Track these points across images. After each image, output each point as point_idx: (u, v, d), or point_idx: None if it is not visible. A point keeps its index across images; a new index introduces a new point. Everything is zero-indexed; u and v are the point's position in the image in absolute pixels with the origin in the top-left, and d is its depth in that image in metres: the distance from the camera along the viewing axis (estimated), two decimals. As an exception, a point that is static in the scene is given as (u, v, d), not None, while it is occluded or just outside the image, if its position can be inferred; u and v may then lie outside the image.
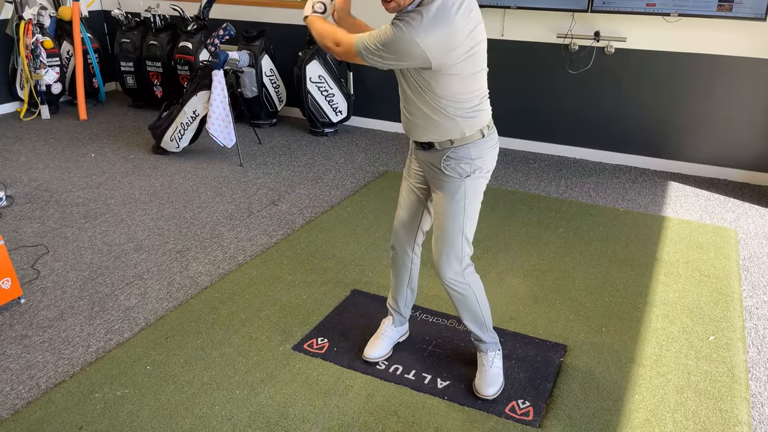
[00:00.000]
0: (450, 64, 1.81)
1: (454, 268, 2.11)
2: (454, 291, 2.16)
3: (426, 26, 1.74)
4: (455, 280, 2.13)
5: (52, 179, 4.24)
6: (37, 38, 5.39)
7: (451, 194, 2.03)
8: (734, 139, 4.29)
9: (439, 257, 2.11)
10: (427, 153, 2.04)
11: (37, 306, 2.77)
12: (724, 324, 2.66)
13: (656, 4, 4.08)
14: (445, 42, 1.77)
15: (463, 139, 1.96)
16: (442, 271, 2.12)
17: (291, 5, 5.65)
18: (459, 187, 2.02)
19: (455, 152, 1.98)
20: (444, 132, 1.96)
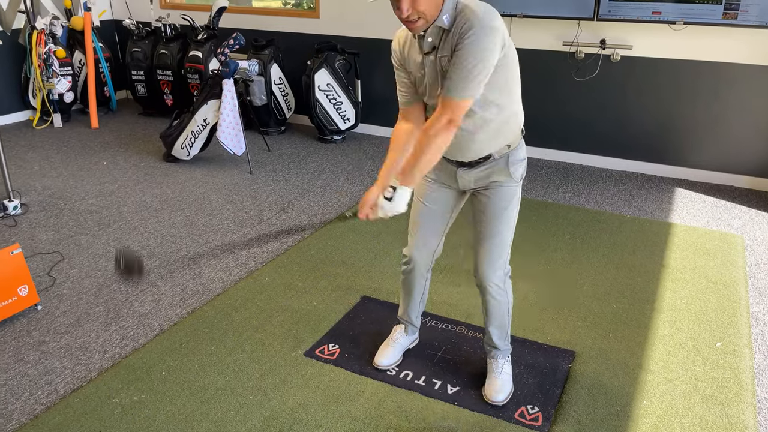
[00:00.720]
0: (509, 41, 1.83)
1: (500, 274, 2.14)
2: (493, 297, 2.17)
3: (485, 13, 1.73)
4: (498, 286, 2.15)
5: (66, 187, 4.31)
6: (50, 48, 5.47)
7: (508, 200, 2.06)
8: (740, 146, 4.31)
9: (489, 264, 2.11)
10: (481, 168, 2.03)
11: (54, 312, 2.82)
12: (731, 330, 2.69)
13: (662, 12, 4.11)
14: (500, 18, 1.77)
15: (516, 140, 2.02)
16: (489, 277, 2.12)
17: (299, 14, 5.72)
18: (515, 192, 2.07)
19: (514, 155, 2.02)
20: (506, 135, 1.99)
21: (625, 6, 4.21)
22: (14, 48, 5.74)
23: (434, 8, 1.75)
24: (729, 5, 3.94)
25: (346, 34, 5.38)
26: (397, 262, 3.28)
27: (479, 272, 2.14)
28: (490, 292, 2.16)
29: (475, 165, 2.03)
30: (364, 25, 5.30)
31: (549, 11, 4.45)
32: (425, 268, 2.31)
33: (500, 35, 1.76)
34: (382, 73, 5.36)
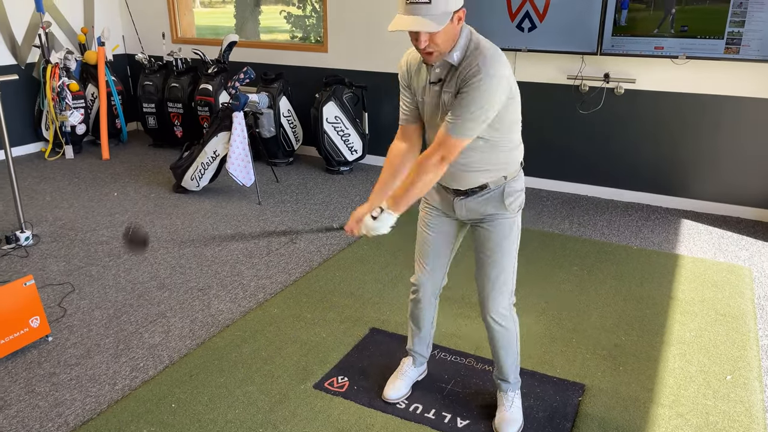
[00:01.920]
0: (514, 87, 1.89)
1: (505, 303, 2.15)
2: (500, 326, 2.17)
3: (493, 59, 1.79)
4: (504, 315, 2.16)
5: (77, 218, 4.36)
6: (63, 81, 5.59)
7: (507, 231, 2.08)
8: (745, 178, 4.34)
9: (493, 294, 2.13)
10: (476, 198, 2.06)
11: (64, 344, 2.84)
12: (741, 363, 2.68)
13: (664, 47, 4.19)
14: (508, 66, 1.85)
15: (514, 172, 2.05)
16: (493, 307, 2.14)
17: (308, 48, 5.84)
18: (513, 223, 2.09)
19: (510, 186, 2.04)
20: (502, 167, 2.01)
21: (627, 41, 4.30)
22: (28, 81, 5.87)
23: (449, 44, 1.82)
24: (731, 40, 4.01)
25: (354, 68, 5.48)
26: (405, 293, 3.29)
27: (484, 304, 2.16)
28: (497, 321, 2.17)
29: (471, 194, 2.07)
30: (371, 59, 5.40)
31: (553, 46, 4.54)
32: (433, 295, 2.34)
33: (506, 84, 1.82)
34: (388, 106, 5.45)
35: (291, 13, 8.74)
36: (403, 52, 2.12)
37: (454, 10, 1.77)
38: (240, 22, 9.19)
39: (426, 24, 1.74)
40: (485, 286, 2.14)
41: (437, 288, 2.32)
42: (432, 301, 2.35)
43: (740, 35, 3.98)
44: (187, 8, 6.53)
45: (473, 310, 3.06)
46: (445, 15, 1.75)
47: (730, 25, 3.98)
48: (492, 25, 4.65)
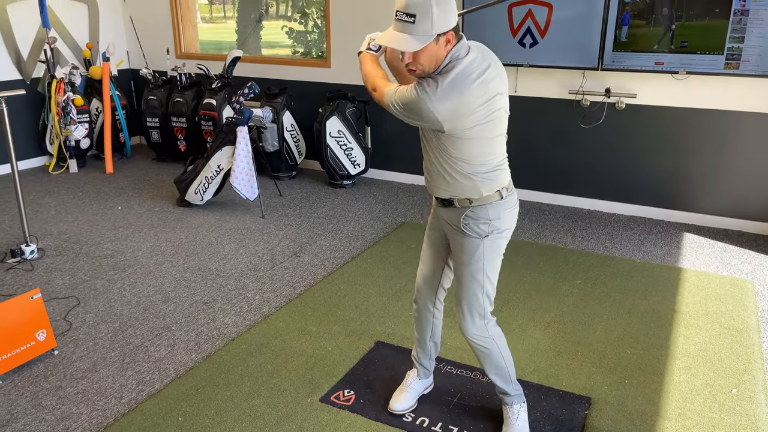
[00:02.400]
0: (463, 129, 1.88)
1: (477, 323, 2.16)
2: (479, 345, 2.20)
3: (440, 94, 1.82)
4: (479, 335, 2.18)
5: (81, 232, 4.37)
6: (68, 96, 5.63)
7: (471, 253, 2.08)
8: (746, 192, 4.37)
9: (462, 314, 2.17)
10: (447, 210, 2.11)
11: (70, 357, 2.84)
12: (746, 376, 2.68)
13: (664, 62, 4.24)
14: (457, 110, 1.84)
15: (481, 199, 2.02)
16: (465, 328, 2.18)
17: (311, 64, 5.89)
18: (478, 246, 2.07)
19: (473, 212, 2.04)
20: (462, 190, 2.03)
21: (628, 56, 4.34)
22: (33, 96, 5.92)
23: (433, 64, 1.87)
24: (731, 56, 4.06)
25: (357, 83, 5.53)
26: (410, 306, 3.30)
27: (458, 324, 2.21)
28: (473, 344, 2.20)
29: (441, 203, 2.12)
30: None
31: (554, 61, 4.59)
32: (430, 301, 2.36)
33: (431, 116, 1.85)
34: (391, 121, 5.49)
35: (293, 29, 8.83)
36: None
37: (438, 32, 1.81)
38: (242, 38, 9.27)
39: (406, 43, 1.80)
40: (456, 306, 2.20)
41: (433, 295, 2.35)
42: (429, 308, 2.37)
43: (740, 51, 4.02)
44: (191, 24, 6.60)
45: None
46: (428, 36, 1.80)
47: (730, 41, 4.03)
48: (494, 41, 4.70)
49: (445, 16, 1.80)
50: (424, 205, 4.97)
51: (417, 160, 5.49)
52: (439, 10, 1.78)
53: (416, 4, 1.78)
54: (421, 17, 1.78)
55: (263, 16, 9.13)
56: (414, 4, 1.78)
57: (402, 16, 1.81)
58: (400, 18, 1.82)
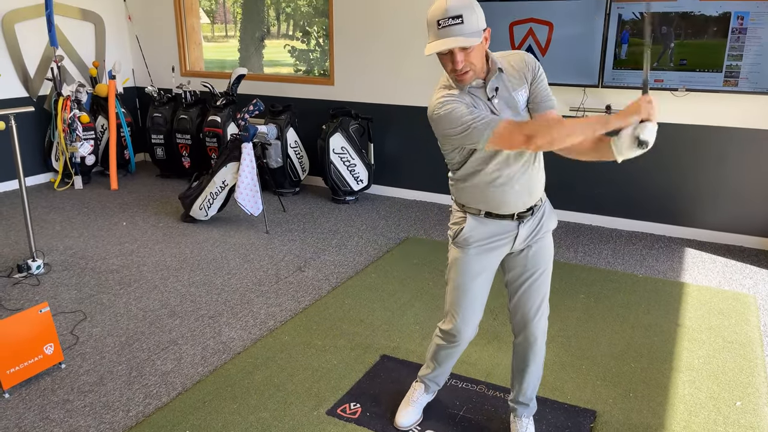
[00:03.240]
0: None
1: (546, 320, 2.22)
2: (542, 346, 2.23)
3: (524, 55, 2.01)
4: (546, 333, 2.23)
5: (87, 247, 4.40)
6: (75, 113, 5.70)
7: (550, 247, 2.16)
8: (747, 207, 4.40)
9: (542, 313, 2.17)
10: (537, 215, 2.10)
11: (78, 371, 2.85)
12: (749, 390, 2.69)
13: (664, 80, 4.30)
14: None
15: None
16: (542, 327, 2.19)
17: (315, 81, 5.97)
18: (552, 241, 2.17)
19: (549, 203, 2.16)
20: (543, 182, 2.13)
21: (628, 74, 4.41)
22: (39, 113, 5.98)
23: (482, 62, 1.91)
24: (729, 73, 4.12)
25: (360, 100, 5.60)
26: (414, 320, 3.32)
27: (532, 324, 2.16)
28: (542, 342, 2.21)
29: (535, 211, 2.08)
30: (377, 92, 5.52)
31: (555, 78, 4.65)
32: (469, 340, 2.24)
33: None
34: (394, 137, 5.54)
35: (295, 47, 8.93)
36: (405, 85, 2.18)
37: (483, 27, 1.86)
38: (244, 56, 9.37)
39: (463, 40, 1.80)
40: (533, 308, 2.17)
41: (476, 331, 2.24)
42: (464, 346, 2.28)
43: (738, 68, 4.09)
44: (196, 43, 6.69)
45: (483, 338, 3.08)
46: (477, 33, 1.83)
47: (728, 58, 4.10)
48: (495, 59, 4.77)
49: (482, 12, 1.87)
50: (426, 221, 5.00)
51: (420, 175, 5.56)
52: (478, 6, 1.86)
53: (460, 5, 1.81)
54: (468, 15, 1.81)
55: (265, 35, 9.24)
56: (457, 6, 1.81)
57: (448, 21, 1.81)
58: (445, 24, 1.81)
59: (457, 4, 1.81)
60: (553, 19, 4.56)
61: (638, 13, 4.27)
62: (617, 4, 4.31)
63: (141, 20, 6.68)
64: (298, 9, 9.48)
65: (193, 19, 6.59)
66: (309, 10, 9.36)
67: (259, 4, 9.62)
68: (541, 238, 2.12)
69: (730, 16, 4.04)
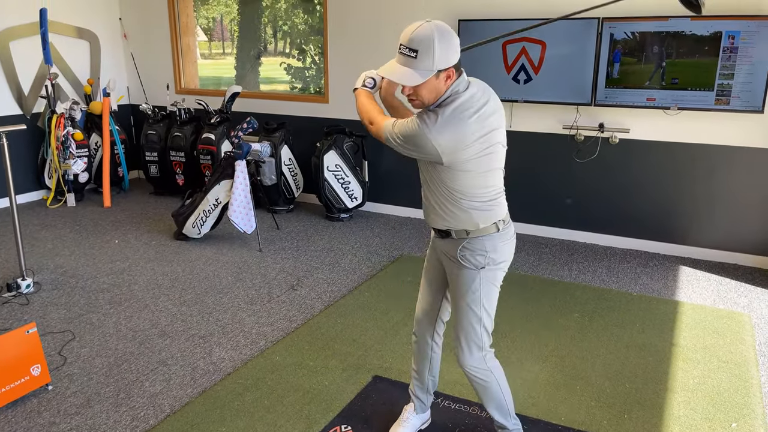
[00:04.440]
0: (460, 161, 1.92)
1: (475, 355, 2.16)
2: (477, 378, 2.20)
3: (439, 126, 1.87)
4: (477, 368, 2.18)
5: (78, 265, 4.37)
6: (68, 131, 5.69)
7: (468, 284, 2.10)
8: (741, 225, 4.40)
9: (460, 346, 2.16)
10: (444, 241, 2.14)
11: (65, 393, 2.81)
12: (745, 411, 2.67)
13: (656, 99, 4.32)
14: (455, 143, 1.88)
15: (477, 231, 2.05)
16: (463, 360, 2.17)
17: (309, 99, 5.98)
18: (475, 278, 2.09)
19: (470, 243, 2.06)
20: (459, 222, 2.05)
21: (620, 93, 4.43)
22: (32, 131, 5.97)
23: (433, 97, 1.93)
24: (721, 92, 4.14)
25: (354, 118, 5.60)
26: (407, 340, 3.28)
27: (456, 357, 2.20)
28: (471, 376, 2.19)
29: (438, 234, 2.15)
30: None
31: (548, 97, 4.67)
32: (428, 334, 2.36)
33: (431, 147, 1.89)
34: (388, 155, 5.55)
35: (291, 65, 8.97)
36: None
37: (439, 68, 1.86)
38: (240, 74, 9.40)
39: (407, 77, 1.85)
40: (454, 338, 2.19)
41: (431, 328, 2.35)
42: (428, 341, 2.37)
43: (730, 87, 4.11)
44: (191, 60, 6.71)
45: (476, 358, 3.05)
46: (428, 72, 1.86)
47: (720, 77, 4.12)
48: (489, 77, 4.75)
49: (447, 53, 1.86)
50: (421, 238, 4.98)
51: (414, 193, 5.55)
52: (441, 48, 1.84)
53: (419, 41, 1.83)
54: (423, 53, 1.83)
55: (262, 52, 9.28)
56: (417, 40, 1.83)
57: (405, 50, 1.86)
58: (403, 52, 1.87)
59: (419, 38, 1.84)
60: (545, 39, 4.59)
61: (629, 32, 4.30)
62: (609, 24, 4.35)
63: (136, 39, 6.71)
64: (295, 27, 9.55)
65: (188, 37, 6.62)
66: (305, 28, 9.42)
67: (255, 22, 9.69)
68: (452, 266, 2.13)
69: (721, 36, 4.07)
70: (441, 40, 1.84)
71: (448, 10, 4.95)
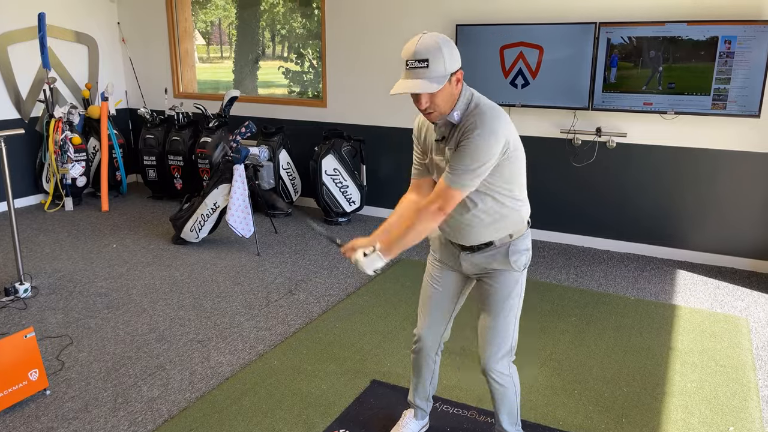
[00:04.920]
0: (515, 145, 1.97)
1: (503, 360, 2.16)
2: (498, 384, 2.19)
3: (489, 123, 1.87)
4: (502, 373, 2.17)
5: (76, 270, 4.36)
6: (66, 135, 5.69)
7: (510, 288, 2.10)
8: (738, 229, 4.42)
9: (492, 352, 2.14)
10: (482, 254, 2.10)
11: (62, 397, 2.80)
12: (742, 414, 2.67)
13: (653, 103, 4.34)
14: (508, 128, 1.93)
15: (520, 231, 2.08)
16: (492, 365, 2.15)
17: (307, 103, 5.99)
18: (517, 281, 2.11)
19: (515, 245, 2.08)
20: (507, 226, 2.06)
21: (617, 97, 4.45)
22: (30, 135, 5.97)
23: (449, 104, 1.92)
24: (717, 96, 4.16)
25: (352, 122, 5.62)
26: (406, 345, 3.29)
27: (483, 360, 2.17)
28: (495, 380, 2.18)
29: (477, 250, 2.11)
30: (369, 114, 5.55)
31: (546, 101, 4.69)
32: (433, 350, 2.34)
33: (502, 139, 1.89)
34: (386, 159, 5.56)
35: (289, 69, 8.98)
36: (397, 107, 2.22)
37: (451, 72, 1.87)
38: (239, 77, 9.40)
39: (424, 86, 1.84)
40: (485, 344, 2.16)
41: (437, 342, 2.33)
42: (432, 356, 2.35)
43: (726, 92, 4.13)
44: (189, 65, 6.72)
45: (474, 362, 3.05)
46: (443, 77, 1.86)
47: (716, 82, 4.14)
48: (486, 82, 4.81)
49: (453, 55, 1.87)
50: (419, 243, 4.98)
51: (412, 197, 5.55)
52: (448, 50, 1.85)
53: (426, 50, 1.84)
54: (434, 61, 1.84)
55: (260, 56, 9.30)
56: (425, 51, 1.84)
57: (414, 64, 1.86)
58: (412, 66, 1.86)
59: (425, 47, 1.84)
60: (542, 43, 4.61)
61: (626, 37, 4.32)
62: (606, 29, 4.37)
63: (135, 43, 6.72)
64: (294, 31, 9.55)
65: (187, 42, 6.63)
66: (303, 32, 9.43)
67: (253, 26, 9.69)
68: (489, 275, 2.12)
69: (718, 41, 4.09)
70: (446, 45, 1.86)
71: (446, 16, 4.97)
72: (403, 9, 5.16)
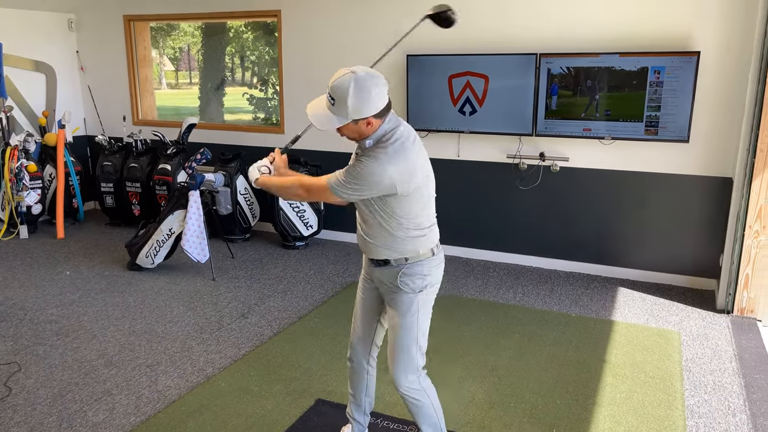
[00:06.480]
0: (412, 188, 2.08)
1: (410, 377, 2.27)
2: (411, 398, 2.30)
3: (390, 159, 2.02)
4: (411, 389, 2.28)
5: (27, 297, 4.35)
6: (22, 162, 5.69)
7: (406, 308, 2.22)
8: (675, 248, 4.64)
9: (396, 368, 2.27)
10: (382, 270, 2.25)
11: (8, 423, 2.81)
12: (666, 423, 2.82)
13: (592, 129, 4.57)
14: (407, 172, 2.05)
15: (417, 257, 2.20)
16: (399, 381, 2.27)
17: (265, 130, 6.11)
18: (413, 302, 2.22)
19: (409, 269, 2.20)
20: (401, 250, 2.19)
21: (559, 123, 4.67)
22: (-13, 163, 5.94)
23: (357, 136, 2.11)
24: (649, 123, 4.41)
25: (309, 148, 5.74)
26: (352, 364, 3.37)
27: (391, 376, 2.30)
28: (407, 395, 2.30)
29: (377, 264, 2.26)
30: (325, 140, 5.68)
31: (493, 128, 4.89)
32: (365, 359, 2.47)
33: (386, 180, 2.03)
34: (342, 184, 5.67)
35: (253, 96, 9.10)
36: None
37: (354, 119, 2.03)
38: (204, 103, 9.48)
39: (324, 121, 2.06)
40: (390, 359, 2.29)
41: (368, 350, 2.46)
42: (363, 365, 2.47)
43: (657, 118, 4.38)
44: (149, 92, 6.79)
45: (417, 379, 3.15)
46: (343, 119, 2.04)
47: (648, 109, 4.39)
48: (436, 110, 5.00)
49: (361, 106, 2.00)
50: (373, 265, 5.09)
51: (368, 221, 5.67)
52: (356, 101, 1.99)
53: (335, 91, 2.02)
54: (339, 104, 2.02)
55: (225, 81, 9.37)
56: (334, 90, 2.02)
57: (327, 95, 2.05)
58: (327, 94, 2.05)
59: (335, 89, 2.01)
60: (488, 73, 4.82)
61: (564, 67, 4.56)
62: (546, 59, 4.60)
63: (94, 71, 6.76)
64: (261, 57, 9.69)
65: (146, 69, 6.70)
66: (267, 59, 9.59)
67: (219, 53, 9.79)
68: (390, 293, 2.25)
69: (648, 71, 4.35)
70: (356, 95, 1.98)
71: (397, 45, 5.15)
72: (357, 38, 5.34)
